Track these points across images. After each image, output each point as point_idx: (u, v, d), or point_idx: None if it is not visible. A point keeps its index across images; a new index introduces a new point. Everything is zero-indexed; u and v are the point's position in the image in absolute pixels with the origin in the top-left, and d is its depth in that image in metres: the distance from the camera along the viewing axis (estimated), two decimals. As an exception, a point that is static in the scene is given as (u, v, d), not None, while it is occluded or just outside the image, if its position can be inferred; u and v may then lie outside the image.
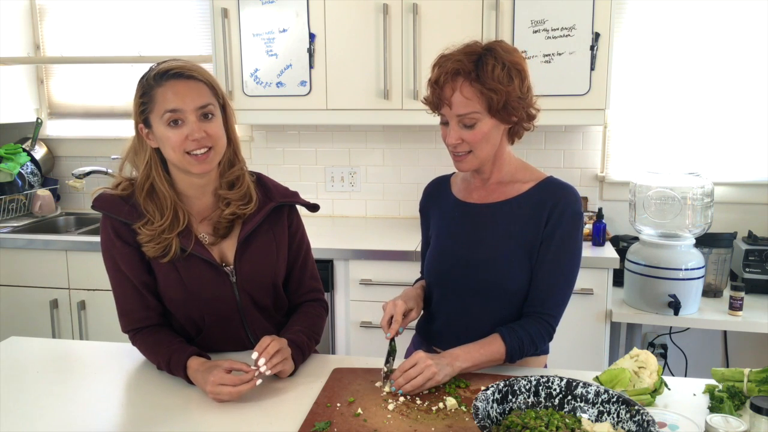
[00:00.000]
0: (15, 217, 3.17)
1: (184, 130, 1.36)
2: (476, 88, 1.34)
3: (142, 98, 1.39)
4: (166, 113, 1.36)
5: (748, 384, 1.28)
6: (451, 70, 1.36)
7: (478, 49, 1.38)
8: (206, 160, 1.39)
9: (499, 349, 1.38)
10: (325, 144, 3.16)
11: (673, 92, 2.83)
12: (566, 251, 1.43)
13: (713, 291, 2.53)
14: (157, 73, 1.38)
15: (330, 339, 2.63)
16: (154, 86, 1.37)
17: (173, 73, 1.37)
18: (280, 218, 1.55)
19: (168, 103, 1.36)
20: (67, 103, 3.42)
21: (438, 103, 1.40)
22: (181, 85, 1.37)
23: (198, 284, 1.45)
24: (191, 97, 1.37)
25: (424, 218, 1.64)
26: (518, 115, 1.40)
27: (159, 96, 1.36)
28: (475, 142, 1.39)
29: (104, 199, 1.46)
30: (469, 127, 1.38)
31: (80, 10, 3.27)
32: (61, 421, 1.24)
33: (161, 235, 1.41)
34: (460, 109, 1.36)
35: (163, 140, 1.38)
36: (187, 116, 1.36)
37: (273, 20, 2.69)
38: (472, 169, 1.46)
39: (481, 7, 2.55)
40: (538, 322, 1.41)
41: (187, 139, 1.36)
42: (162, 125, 1.37)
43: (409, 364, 1.31)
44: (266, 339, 1.35)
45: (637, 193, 2.45)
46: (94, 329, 2.78)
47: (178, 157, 1.38)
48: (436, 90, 1.38)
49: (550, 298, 1.43)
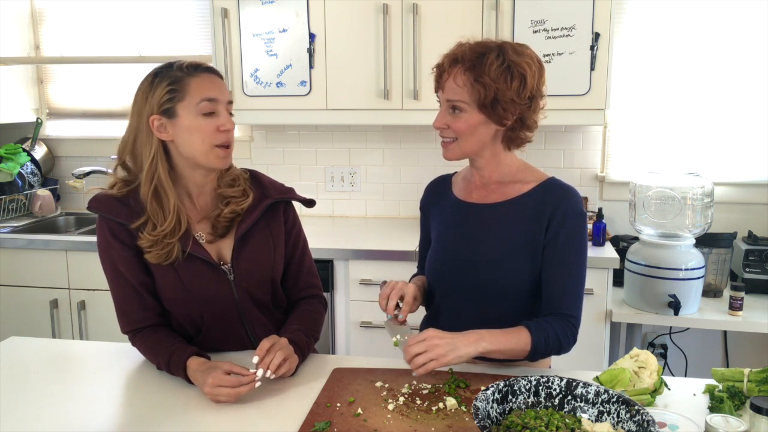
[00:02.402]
0: (15, 217, 3.17)
1: (217, 120, 1.40)
2: (468, 78, 1.37)
3: (170, 86, 1.38)
4: (203, 102, 1.38)
5: (748, 384, 1.28)
6: (452, 56, 1.40)
7: (491, 45, 1.39)
8: (228, 155, 1.45)
9: (525, 340, 1.35)
10: (325, 144, 3.16)
11: (673, 92, 2.83)
12: (572, 250, 1.43)
13: (713, 291, 2.53)
14: (189, 65, 1.41)
15: (330, 339, 2.63)
16: (186, 76, 1.39)
17: (206, 68, 1.43)
18: (276, 215, 1.55)
19: (207, 92, 1.39)
20: (66, 103, 3.42)
21: (436, 86, 1.45)
22: (215, 78, 1.44)
23: (196, 283, 1.45)
24: (223, 91, 1.44)
25: (425, 216, 1.64)
26: (509, 118, 1.39)
27: (194, 85, 1.39)
28: (459, 130, 1.41)
29: (100, 200, 1.46)
30: (456, 114, 1.40)
31: (80, 12, 3.27)
32: (61, 421, 1.24)
33: (163, 240, 1.41)
34: (450, 94, 1.40)
35: (193, 129, 1.39)
36: (221, 108, 1.41)
37: (273, 20, 2.69)
38: (455, 158, 1.47)
39: (481, 7, 2.55)
40: (561, 321, 1.40)
41: (218, 129, 1.40)
42: (194, 114, 1.39)
43: (417, 338, 1.29)
44: (266, 343, 1.35)
45: (637, 193, 2.45)
46: (94, 329, 2.78)
47: (206, 148, 1.40)
48: (438, 72, 1.44)
49: (566, 299, 1.43)
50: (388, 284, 1.46)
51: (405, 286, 1.46)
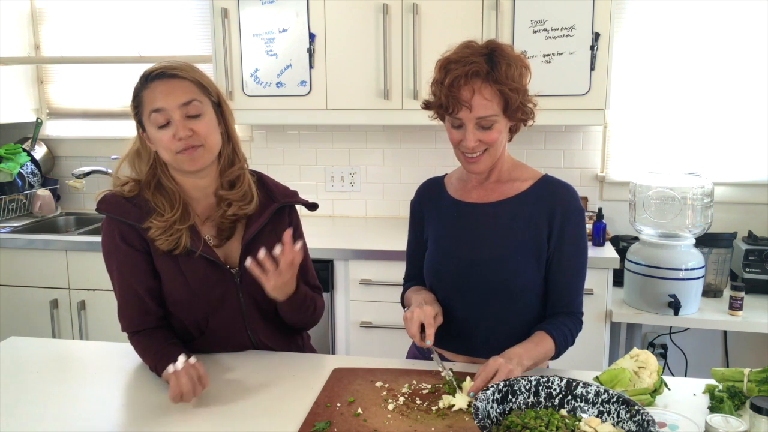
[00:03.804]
0: (15, 217, 3.17)
1: (171, 130, 1.37)
2: (495, 89, 1.33)
3: (133, 101, 1.42)
4: (152, 114, 1.37)
5: (748, 384, 1.28)
6: (470, 72, 1.32)
7: (484, 50, 1.36)
8: (195, 156, 1.39)
9: (550, 346, 1.39)
10: (325, 144, 3.16)
11: (673, 92, 2.83)
12: (578, 248, 1.46)
13: (713, 291, 2.53)
14: (144, 76, 1.40)
15: (330, 339, 2.63)
16: (141, 89, 1.40)
17: (156, 74, 1.39)
18: (281, 218, 1.55)
19: (152, 103, 1.37)
20: (66, 103, 3.42)
21: (454, 107, 1.35)
22: (164, 84, 1.38)
23: (203, 285, 1.45)
24: (174, 95, 1.37)
25: (417, 219, 1.61)
26: (525, 112, 1.40)
27: (146, 98, 1.39)
28: (491, 142, 1.38)
29: (110, 201, 1.45)
30: (487, 128, 1.36)
31: (80, 12, 3.27)
32: (61, 421, 1.24)
33: (173, 227, 1.41)
34: (480, 111, 1.34)
35: (155, 142, 1.40)
36: (172, 115, 1.37)
37: (273, 20, 2.69)
38: (486, 170, 1.44)
39: (481, 7, 2.54)
40: (572, 319, 1.46)
41: (174, 138, 1.37)
42: (152, 127, 1.39)
43: (490, 373, 1.24)
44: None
45: (637, 193, 2.45)
46: (94, 329, 2.78)
47: (171, 157, 1.39)
48: (452, 93, 1.34)
49: (574, 297, 1.47)
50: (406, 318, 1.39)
51: (422, 312, 1.37)
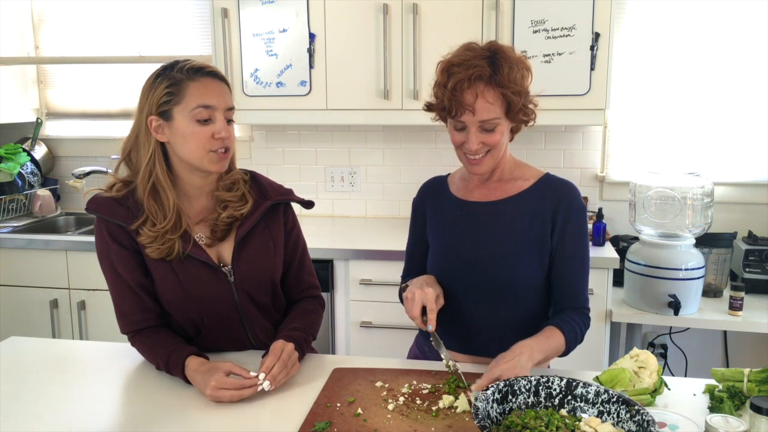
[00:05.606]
0: (15, 217, 3.17)
1: (212, 127, 1.38)
2: (498, 93, 1.33)
3: (168, 89, 1.37)
4: (198, 108, 1.36)
5: (748, 384, 1.28)
6: (472, 75, 1.31)
7: (486, 52, 1.35)
8: (225, 159, 1.43)
9: (560, 341, 1.38)
10: (325, 144, 3.16)
11: (673, 92, 2.83)
12: (581, 244, 1.47)
13: (713, 291, 2.53)
14: (191, 68, 1.38)
15: (330, 339, 2.63)
16: (185, 80, 1.37)
17: (208, 71, 1.40)
18: (275, 216, 1.55)
19: (203, 98, 1.37)
20: (66, 103, 3.42)
21: (457, 110, 1.35)
22: (216, 84, 1.40)
23: (196, 285, 1.45)
24: (224, 97, 1.40)
25: (420, 216, 1.61)
26: (527, 113, 1.40)
27: (192, 89, 1.37)
28: (494, 144, 1.38)
29: (98, 201, 1.45)
30: (490, 131, 1.37)
31: (79, 13, 3.27)
32: (61, 421, 1.24)
33: (164, 236, 1.40)
34: (483, 114, 1.34)
35: (187, 135, 1.37)
36: (217, 115, 1.39)
37: (273, 20, 2.69)
38: (488, 171, 1.45)
39: (481, 7, 2.54)
40: (580, 314, 1.46)
41: (213, 136, 1.38)
42: (188, 119, 1.37)
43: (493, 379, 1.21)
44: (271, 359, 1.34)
45: (637, 193, 2.45)
46: (94, 329, 2.78)
47: (200, 154, 1.39)
48: (455, 96, 1.33)
49: (580, 293, 1.48)
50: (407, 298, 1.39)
51: (423, 294, 1.38)
